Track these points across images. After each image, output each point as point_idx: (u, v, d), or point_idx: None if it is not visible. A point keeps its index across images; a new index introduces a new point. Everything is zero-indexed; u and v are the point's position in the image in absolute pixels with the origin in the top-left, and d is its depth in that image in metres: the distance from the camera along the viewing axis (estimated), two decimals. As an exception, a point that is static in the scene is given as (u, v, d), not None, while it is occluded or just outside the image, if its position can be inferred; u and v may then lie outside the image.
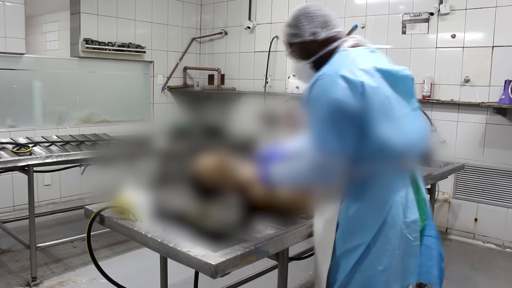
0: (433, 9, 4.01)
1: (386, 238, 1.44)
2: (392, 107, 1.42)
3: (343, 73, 1.37)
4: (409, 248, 1.49)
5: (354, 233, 1.46)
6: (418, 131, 1.53)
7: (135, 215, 1.63)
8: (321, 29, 1.53)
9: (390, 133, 1.40)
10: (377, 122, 1.38)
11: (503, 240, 3.85)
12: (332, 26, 1.55)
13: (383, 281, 1.45)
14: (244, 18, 5.44)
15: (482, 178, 3.92)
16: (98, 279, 2.97)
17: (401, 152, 1.46)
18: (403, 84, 1.51)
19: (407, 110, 1.50)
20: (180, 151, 3.35)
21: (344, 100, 1.35)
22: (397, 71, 1.50)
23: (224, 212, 1.60)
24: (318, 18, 1.53)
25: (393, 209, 1.45)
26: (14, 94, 4.34)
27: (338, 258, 1.49)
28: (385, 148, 1.40)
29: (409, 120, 1.49)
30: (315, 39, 1.53)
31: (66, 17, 5.26)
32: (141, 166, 3.44)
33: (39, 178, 4.33)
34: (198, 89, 5.54)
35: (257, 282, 2.72)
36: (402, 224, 1.46)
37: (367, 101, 1.36)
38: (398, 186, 1.48)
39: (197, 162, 1.73)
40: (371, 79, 1.38)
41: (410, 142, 1.48)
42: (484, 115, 3.86)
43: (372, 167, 1.45)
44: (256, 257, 1.41)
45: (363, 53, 1.50)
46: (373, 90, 1.37)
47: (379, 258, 1.44)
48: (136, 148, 3.57)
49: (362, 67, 1.40)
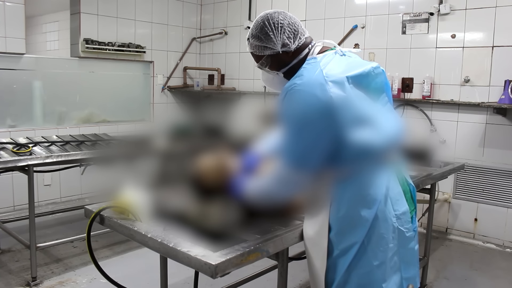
0: (433, 9, 4.01)
1: (379, 233, 1.45)
2: (365, 110, 1.43)
3: (311, 89, 1.35)
4: (403, 240, 1.51)
5: (347, 232, 1.46)
6: (392, 125, 1.54)
7: (135, 215, 1.63)
8: (291, 39, 1.49)
9: (368, 136, 1.41)
10: (351, 129, 1.38)
11: (503, 240, 3.85)
12: (300, 34, 1.51)
13: (380, 276, 1.46)
14: (244, 18, 5.44)
15: (482, 178, 3.92)
16: (98, 279, 2.97)
17: (380, 150, 1.47)
18: (376, 82, 1.52)
19: (379, 107, 1.52)
20: (180, 151, 3.35)
21: (311, 115, 1.35)
22: (369, 71, 1.49)
23: (224, 212, 1.60)
24: (286, 28, 1.48)
25: (382, 204, 1.46)
26: (14, 94, 4.34)
27: (334, 259, 1.49)
28: (365, 150, 1.42)
29: (382, 116, 1.50)
30: (286, 50, 1.50)
31: (66, 17, 5.27)
32: (141, 166, 3.44)
33: (39, 178, 4.33)
34: (198, 89, 5.55)
35: (257, 282, 2.72)
36: (393, 217, 1.47)
37: (337, 112, 1.35)
38: (383, 181, 1.48)
39: (197, 162, 1.73)
40: (340, 90, 1.36)
41: (387, 139, 1.49)
42: (484, 115, 3.86)
43: (355, 167, 1.45)
44: (256, 257, 1.41)
45: (333, 60, 1.46)
46: (343, 100, 1.36)
47: (374, 253, 1.45)
48: (136, 148, 3.57)
49: (332, 79, 1.37)
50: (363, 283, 1.46)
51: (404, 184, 1.58)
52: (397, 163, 1.59)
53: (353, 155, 1.41)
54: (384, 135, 1.47)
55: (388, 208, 1.47)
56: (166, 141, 3.49)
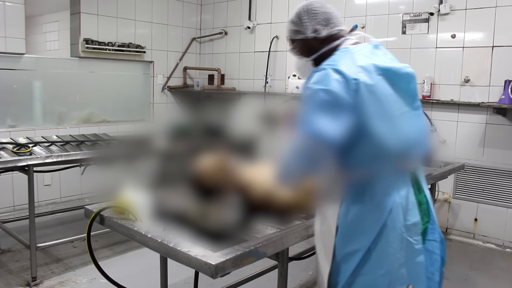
0: (433, 9, 4.01)
1: (387, 242, 1.42)
2: (390, 105, 1.41)
3: (339, 68, 1.36)
4: (411, 252, 1.46)
5: (354, 237, 1.44)
6: (417, 131, 1.50)
7: (135, 215, 1.63)
8: (323, 26, 1.52)
9: (386, 132, 1.38)
10: (372, 120, 1.36)
11: (503, 240, 3.85)
12: (334, 24, 1.54)
13: (385, 285, 1.43)
14: (244, 18, 5.44)
15: (482, 178, 3.92)
16: (98, 279, 2.97)
17: (398, 153, 1.43)
18: (405, 82, 1.49)
19: (407, 109, 1.47)
20: (180, 151, 3.35)
21: (337, 92, 1.33)
22: (398, 69, 1.48)
23: (224, 212, 1.60)
24: (320, 16, 1.53)
25: (393, 212, 1.42)
26: (14, 94, 4.34)
27: (339, 261, 1.47)
28: (380, 147, 1.38)
29: (408, 120, 1.47)
30: (316, 36, 1.53)
31: (66, 17, 5.26)
32: (141, 166, 3.44)
33: (39, 178, 4.33)
34: (198, 89, 5.54)
35: (257, 282, 2.72)
36: (402, 227, 1.43)
37: (361, 98, 1.34)
38: (398, 188, 1.45)
39: (197, 162, 1.73)
40: (367, 77, 1.37)
41: (408, 143, 1.45)
42: (484, 115, 3.86)
43: (369, 169, 1.43)
44: (256, 257, 1.41)
45: (365, 50, 1.48)
46: (369, 87, 1.36)
47: (380, 262, 1.42)
48: (136, 148, 3.57)
49: (360, 64, 1.39)
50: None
51: (421, 194, 1.54)
52: (415, 172, 1.54)
53: (369, 152, 1.39)
54: (404, 138, 1.44)
55: (399, 217, 1.43)
56: (166, 141, 3.49)
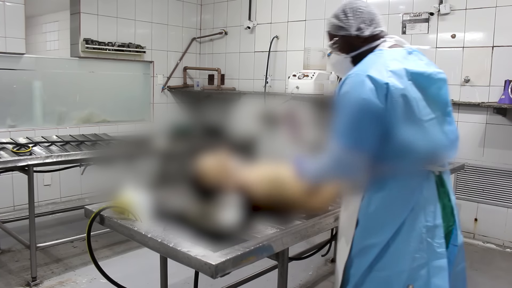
0: (433, 9, 4.01)
1: (405, 240, 1.44)
2: (419, 110, 1.42)
3: (370, 73, 1.39)
4: (433, 254, 1.46)
5: (373, 231, 1.47)
6: (445, 137, 1.50)
7: (135, 215, 1.63)
8: (366, 25, 1.55)
9: (414, 136, 1.41)
10: (401, 123, 1.39)
11: (503, 240, 3.85)
12: (377, 24, 1.57)
13: (401, 283, 1.43)
14: (244, 18, 5.44)
15: (482, 178, 3.92)
16: (98, 279, 2.97)
17: (425, 156, 1.45)
18: (436, 87, 1.50)
19: (437, 115, 1.48)
20: (180, 151, 3.35)
21: (369, 100, 1.37)
22: (430, 74, 1.49)
23: (224, 212, 1.60)
24: (365, 15, 1.56)
25: (414, 211, 1.44)
26: (14, 94, 4.34)
27: (356, 254, 1.50)
28: (407, 150, 1.41)
29: (438, 125, 1.48)
30: (359, 34, 1.55)
31: (66, 17, 5.26)
32: (141, 166, 3.43)
33: (39, 178, 4.33)
34: (198, 89, 5.54)
35: (257, 282, 2.72)
36: (422, 227, 1.45)
37: (391, 102, 1.37)
38: (421, 189, 1.46)
39: (197, 162, 1.73)
40: (398, 81, 1.39)
41: (434, 148, 1.47)
42: (484, 115, 3.86)
43: (394, 167, 1.45)
44: (256, 257, 1.41)
45: (398, 54, 1.49)
46: (399, 91, 1.38)
47: (396, 259, 1.44)
48: (136, 148, 3.57)
49: (391, 68, 1.41)
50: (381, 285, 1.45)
51: (446, 198, 1.55)
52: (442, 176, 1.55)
53: (395, 152, 1.41)
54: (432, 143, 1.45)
55: (419, 217, 1.45)
56: (166, 141, 3.49)
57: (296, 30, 5.00)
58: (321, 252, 3.11)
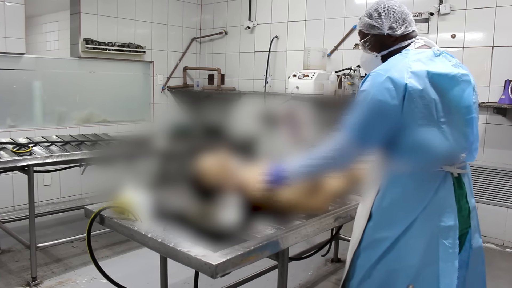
0: (433, 9, 4.01)
1: (416, 237, 1.45)
2: (438, 111, 1.42)
3: (391, 74, 1.40)
4: (445, 254, 1.45)
5: (384, 225, 1.49)
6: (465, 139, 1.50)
7: (135, 215, 1.63)
8: (399, 25, 1.56)
9: (430, 136, 1.41)
10: (417, 124, 1.40)
11: (503, 240, 3.85)
12: (408, 24, 1.58)
13: (407, 279, 1.44)
14: (244, 18, 5.44)
15: (482, 178, 3.92)
16: (98, 279, 2.97)
17: (442, 157, 1.46)
18: (460, 89, 1.49)
19: (458, 116, 1.47)
20: (180, 151, 3.35)
21: (384, 101, 1.39)
22: (455, 75, 1.48)
23: (224, 212, 1.60)
24: (398, 14, 1.57)
25: (427, 210, 1.45)
26: (14, 94, 4.34)
27: (366, 247, 1.52)
28: (423, 150, 1.42)
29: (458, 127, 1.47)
30: (391, 33, 1.57)
31: (66, 17, 5.27)
32: (141, 166, 3.44)
33: (39, 178, 4.33)
34: (198, 89, 5.54)
35: (257, 282, 2.72)
36: (435, 227, 1.45)
37: (409, 102, 1.38)
38: (437, 188, 1.47)
39: (197, 162, 1.73)
40: (417, 82, 1.40)
41: (453, 149, 1.47)
42: (484, 115, 3.86)
43: (410, 165, 1.46)
44: (256, 257, 1.41)
45: (424, 55, 1.49)
46: (418, 92, 1.39)
47: (405, 254, 1.45)
48: (136, 148, 3.57)
49: (413, 70, 1.42)
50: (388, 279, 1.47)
51: (463, 200, 1.54)
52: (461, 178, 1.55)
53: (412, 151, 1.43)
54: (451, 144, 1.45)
55: (433, 216, 1.45)
56: (166, 141, 3.49)
57: (296, 30, 5.00)
58: (321, 252, 3.11)
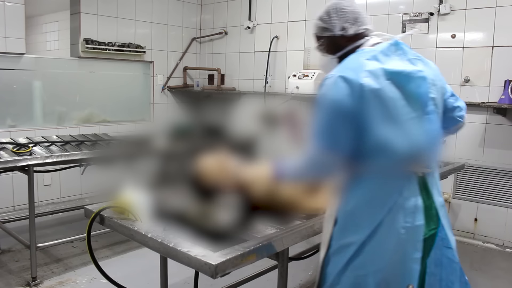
0: (433, 9, 4.01)
1: (381, 240, 1.42)
2: (397, 109, 1.41)
3: (346, 75, 1.38)
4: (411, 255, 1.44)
5: (349, 229, 1.46)
6: (427, 136, 1.48)
7: (135, 215, 1.63)
8: (350, 24, 1.54)
9: (392, 135, 1.39)
10: (377, 123, 1.37)
11: (503, 240, 3.85)
12: (361, 23, 1.56)
13: (376, 283, 1.42)
14: (244, 18, 5.44)
15: (482, 178, 3.92)
16: (98, 279, 2.97)
17: (405, 156, 1.43)
18: (415, 85, 1.47)
19: (418, 114, 1.46)
20: (180, 151, 3.35)
21: (342, 102, 1.37)
22: (410, 73, 1.46)
23: (224, 212, 1.60)
24: (349, 14, 1.54)
25: (392, 212, 1.42)
26: (14, 94, 4.34)
27: (333, 253, 1.49)
28: (385, 149, 1.39)
29: (418, 124, 1.45)
30: (344, 34, 1.55)
31: (66, 17, 5.26)
32: (141, 166, 3.44)
33: (39, 178, 4.33)
34: (198, 89, 5.54)
35: (257, 282, 2.72)
36: (401, 228, 1.42)
37: (366, 102, 1.36)
38: (401, 189, 1.44)
39: (197, 162, 1.73)
40: (374, 81, 1.38)
41: (415, 147, 1.44)
42: (484, 115, 3.86)
43: (372, 166, 1.44)
44: (256, 257, 1.41)
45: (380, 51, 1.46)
46: (374, 92, 1.37)
47: (372, 258, 1.43)
48: (136, 148, 3.57)
49: (368, 68, 1.40)
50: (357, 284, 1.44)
51: (429, 200, 1.51)
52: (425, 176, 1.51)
53: (373, 151, 1.40)
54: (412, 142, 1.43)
55: (398, 218, 1.42)
56: (166, 141, 3.49)
57: (296, 30, 5.00)
58: (321, 252, 3.11)
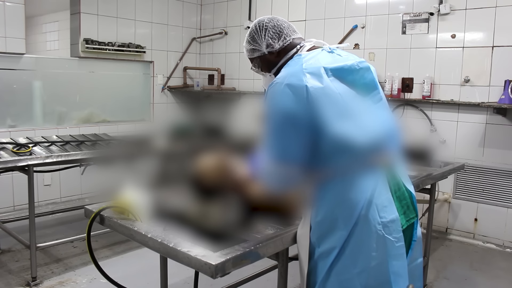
0: (433, 9, 4.01)
1: (360, 240, 1.40)
2: (346, 103, 1.41)
3: (288, 81, 1.38)
4: (392, 250, 1.41)
5: (327, 235, 1.43)
6: (382, 125, 1.48)
7: (135, 215, 1.63)
8: (275, 40, 1.56)
9: (348, 130, 1.38)
10: (331, 121, 1.36)
11: (503, 240, 3.85)
12: (286, 35, 1.57)
13: (362, 284, 1.40)
14: (244, 18, 5.44)
15: (482, 178, 3.92)
16: (98, 279, 2.97)
17: (365, 148, 1.41)
18: (360, 77, 1.49)
19: (368, 104, 1.48)
20: (180, 151, 3.36)
21: (289, 109, 1.36)
22: (351, 66, 1.47)
23: (224, 212, 1.60)
24: (270, 30, 1.56)
25: (365, 209, 1.39)
26: (14, 94, 4.34)
27: (316, 261, 1.47)
28: (345, 146, 1.38)
29: (371, 114, 1.46)
30: (271, 50, 1.57)
31: (66, 17, 5.27)
32: (141, 166, 3.44)
33: (39, 178, 4.32)
34: (198, 89, 5.55)
35: (257, 282, 2.71)
36: (377, 224, 1.40)
37: (314, 103, 1.35)
38: (367, 185, 1.41)
39: (197, 162, 1.73)
40: (317, 81, 1.38)
41: (374, 137, 1.43)
42: (484, 115, 3.86)
43: (335, 167, 1.41)
44: (256, 257, 1.41)
45: (317, 55, 1.48)
46: (320, 91, 1.36)
47: (354, 260, 1.41)
48: (136, 148, 3.57)
49: (309, 70, 1.39)
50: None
51: (400, 190, 1.50)
52: (390, 166, 1.49)
53: (333, 151, 1.38)
54: (369, 133, 1.42)
55: (372, 214, 1.39)
56: (166, 141, 3.50)
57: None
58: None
